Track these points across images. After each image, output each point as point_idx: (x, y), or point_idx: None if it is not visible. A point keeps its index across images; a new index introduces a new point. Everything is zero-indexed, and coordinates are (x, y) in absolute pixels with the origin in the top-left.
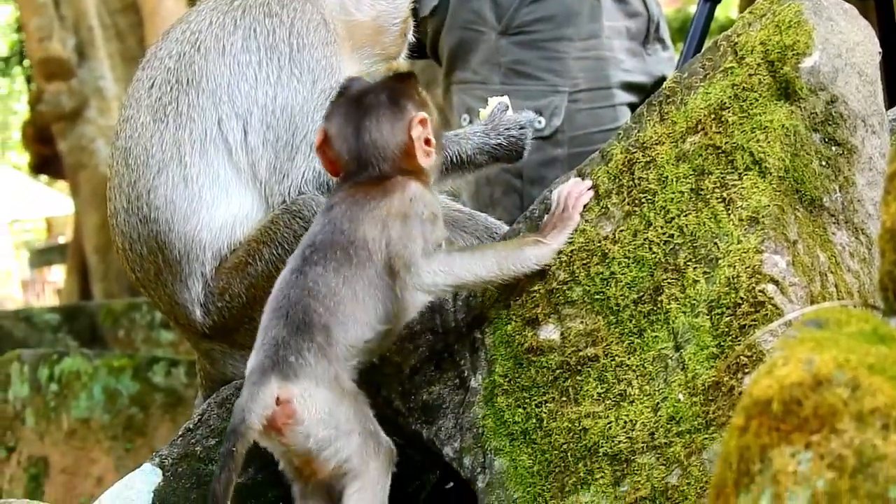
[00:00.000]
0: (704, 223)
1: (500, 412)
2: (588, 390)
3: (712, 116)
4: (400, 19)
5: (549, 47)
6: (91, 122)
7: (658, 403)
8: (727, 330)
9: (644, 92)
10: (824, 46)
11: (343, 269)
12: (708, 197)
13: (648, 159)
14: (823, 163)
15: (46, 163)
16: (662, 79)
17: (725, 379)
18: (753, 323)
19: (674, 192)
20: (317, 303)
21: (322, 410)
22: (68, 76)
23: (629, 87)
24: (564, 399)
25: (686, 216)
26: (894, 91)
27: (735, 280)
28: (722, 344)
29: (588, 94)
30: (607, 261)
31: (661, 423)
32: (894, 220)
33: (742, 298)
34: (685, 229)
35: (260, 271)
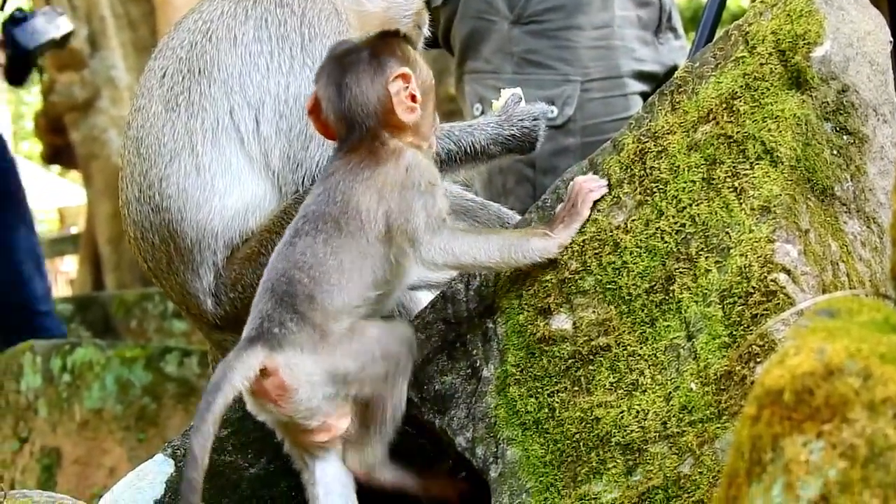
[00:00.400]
0: (716, 212)
1: (513, 402)
2: (600, 380)
3: (724, 106)
4: (411, 11)
5: (561, 36)
6: (103, 112)
7: (670, 393)
8: (739, 319)
9: (656, 81)
10: (835, 35)
11: (332, 239)
12: (719, 186)
13: (660, 149)
14: (835, 152)
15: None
16: (674, 68)
17: (737, 368)
18: (765, 312)
19: (685, 182)
20: (302, 273)
21: (312, 373)
22: (80, 66)
23: (641, 76)
24: (576, 389)
25: (698, 205)
26: None
27: (747, 269)
28: (734, 333)
29: (600, 83)
30: (619, 250)
31: (673, 412)
32: None
33: (754, 288)
34: (697, 219)
35: None
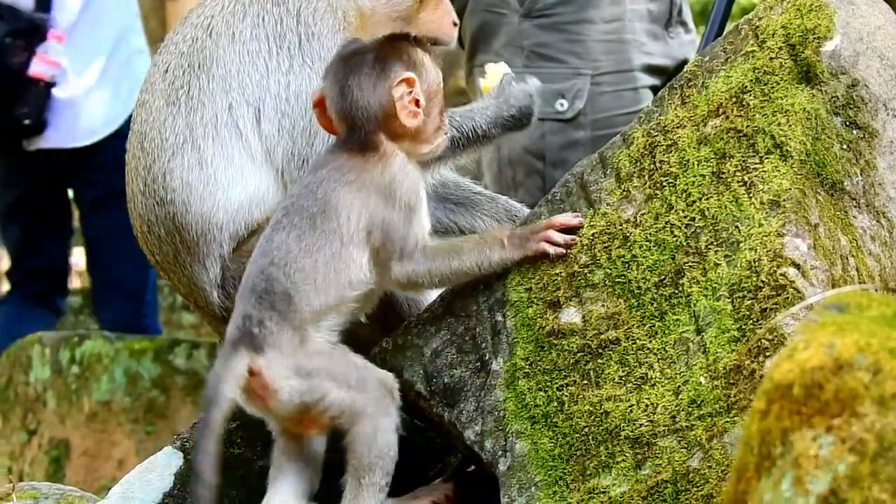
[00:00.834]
0: (726, 206)
1: (522, 395)
2: (609, 373)
3: (734, 100)
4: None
5: (572, 30)
6: None
7: (679, 387)
8: (748, 313)
9: (666, 75)
10: (845, 30)
11: (306, 237)
12: (729, 180)
13: (670, 143)
14: (844, 146)
15: None
16: (684, 62)
17: (747, 362)
18: (775, 306)
19: (695, 176)
20: (278, 271)
21: (291, 376)
22: None
23: (651, 69)
24: (586, 382)
25: (707, 199)
26: None
27: (756, 263)
28: (743, 327)
29: (610, 76)
30: (629, 244)
31: (682, 406)
32: None
33: (763, 282)
34: (706, 213)
35: None
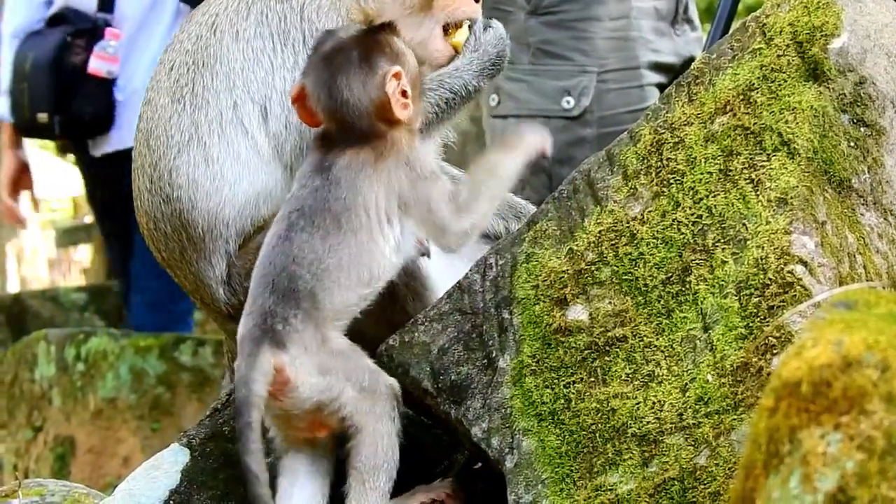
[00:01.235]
0: (733, 204)
1: (529, 393)
2: (616, 371)
3: (741, 97)
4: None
5: (578, 27)
6: None
7: (686, 384)
8: (756, 311)
9: (672, 72)
10: (853, 28)
11: (330, 237)
12: (736, 178)
13: (677, 140)
14: (852, 144)
15: None
16: (691, 59)
17: (754, 360)
18: (782, 304)
19: (702, 173)
20: (302, 269)
21: (313, 373)
22: None
23: (657, 67)
24: (593, 380)
25: (714, 197)
26: None
27: (763, 261)
28: (750, 325)
29: (616, 74)
30: (636, 241)
31: (689, 403)
32: None
33: (770, 279)
34: (714, 210)
35: None
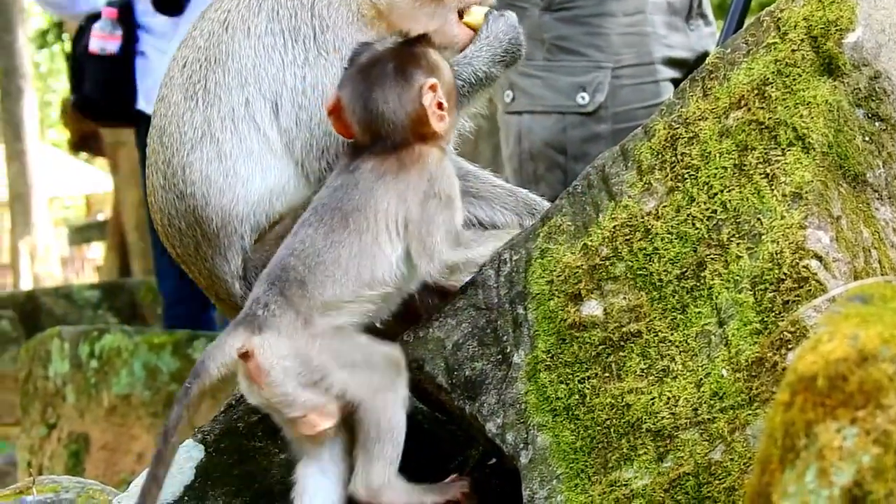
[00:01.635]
0: (748, 199)
1: (543, 388)
2: (631, 366)
3: (755, 92)
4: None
5: (593, 23)
6: None
7: (701, 379)
8: (770, 306)
9: (686, 67)
10: (867, 22)
11: (335, 233)
12: (751, 172)
13: (691, 135)
14: (867, 138)
15: (86, 140)
16: (705, 54)
17: (769, 355)
18: (797, 299)
19: (717, 168)
20: (297, 261)
21: (286, 358)
22: None
23: (672, 62)
24: (607, 375)
25: (729, 192)
26: None
27: (778, 256)
28: (765, 320)
29: (631, 69)
30: (650, 236)
31: (704, 398)
32: None
33: (785, 274)
34: (728, 205)
35: None
